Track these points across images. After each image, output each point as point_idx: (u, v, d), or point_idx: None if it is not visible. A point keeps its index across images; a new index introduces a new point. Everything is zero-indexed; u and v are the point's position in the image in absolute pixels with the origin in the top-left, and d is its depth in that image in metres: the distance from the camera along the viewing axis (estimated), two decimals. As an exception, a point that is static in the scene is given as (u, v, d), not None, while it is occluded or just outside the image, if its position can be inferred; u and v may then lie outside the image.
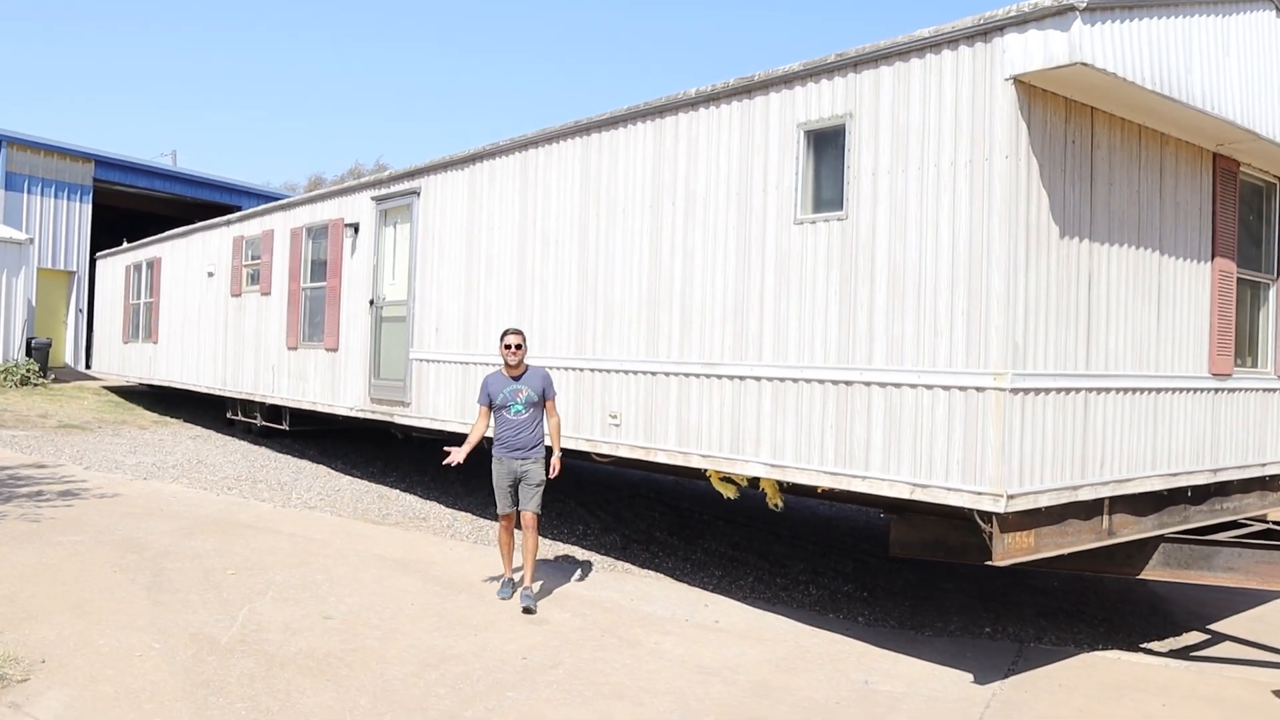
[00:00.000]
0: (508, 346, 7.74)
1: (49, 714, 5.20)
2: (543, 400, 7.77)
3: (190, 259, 18.71)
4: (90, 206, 27.96)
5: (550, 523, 10.85)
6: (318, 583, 8.06)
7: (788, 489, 8.25)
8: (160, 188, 30.10)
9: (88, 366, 26.80)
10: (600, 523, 11.21)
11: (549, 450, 7.94)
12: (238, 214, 16.85)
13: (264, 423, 15.98)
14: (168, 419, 19.81)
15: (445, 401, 10.91)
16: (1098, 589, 9.48)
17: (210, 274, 17.52)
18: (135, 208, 31.49)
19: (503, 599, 7.87)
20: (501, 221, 10.26)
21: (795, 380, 7.31)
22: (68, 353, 27.42)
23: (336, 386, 13.09)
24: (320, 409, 13.56)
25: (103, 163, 28.26)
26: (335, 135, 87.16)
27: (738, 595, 8.61)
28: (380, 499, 12.06)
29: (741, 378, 7.72)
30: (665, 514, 12.05)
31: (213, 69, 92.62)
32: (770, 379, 7.50)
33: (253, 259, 15.99)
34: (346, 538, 9.78)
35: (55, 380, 23.61)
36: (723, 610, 8.09)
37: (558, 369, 9.28)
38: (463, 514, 11.38)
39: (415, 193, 11.62)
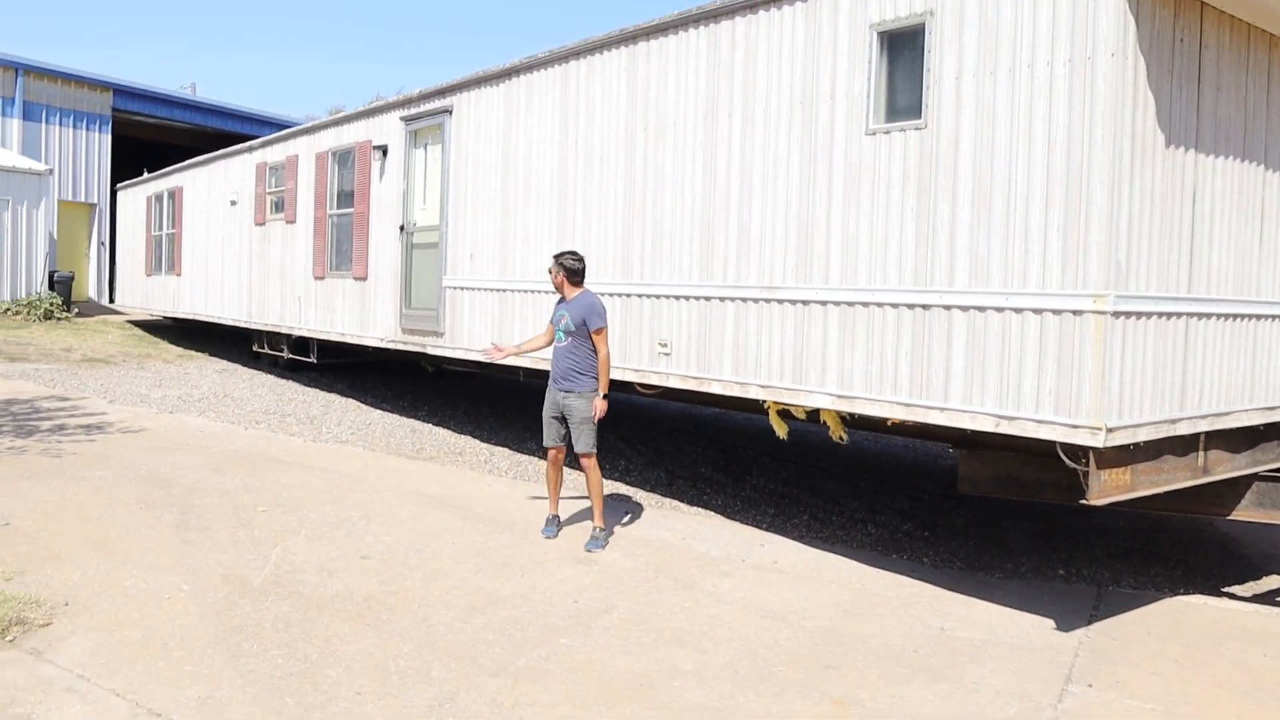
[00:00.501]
0: (549, 270, 7.49)
1: (73, 661, 4.80)
2: (584, 329, 7.23)
3: (212, 188, 18.20)
4: (110, 137, 27.46)
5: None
6: (353, 520, 7.64)
7: (851, 422, 7.75)
8: (180, 117, 29.51)
9: (111, 301, 26.46)
10: (642, 458, 10.75)
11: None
12: (260, 140, 16.29)
13: (291, 355, 15.55)
14: (193, 353, 19.45)
15: (481, 331, 10.41)
16: (1166, 529, 8.97)
17: (233, 203, 17.01)
18: (155, 138, 30.93)
19: (547, 538, 7.44)
20: (540, 139, 9.68)
21: (866, 305, 6.76)
22: (90, 287, 27.09)
23: (366, 317, 12.62)
24: (349, 340, 13.10)
25: (121, 91, 27.68)
26: (355, 68, 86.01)
27: (793, 534, 8.15)
28: (413, 433, 11.64)
29: (805, 302, 7.17)
30: (709, 449, 11.59)
31: (231, 2, 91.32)
32: (838, 303, 6.95)
33: (277, 186, 15.45)
34: (381, 473, 9.36)
35: (79, 314, 23.28)
36: (779, 550, 7.63)
37: (602, 295, 8.76)
38: (499, 449, 10.95)
39: (447, 111, 11.02)
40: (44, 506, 7.51)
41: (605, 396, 7.29)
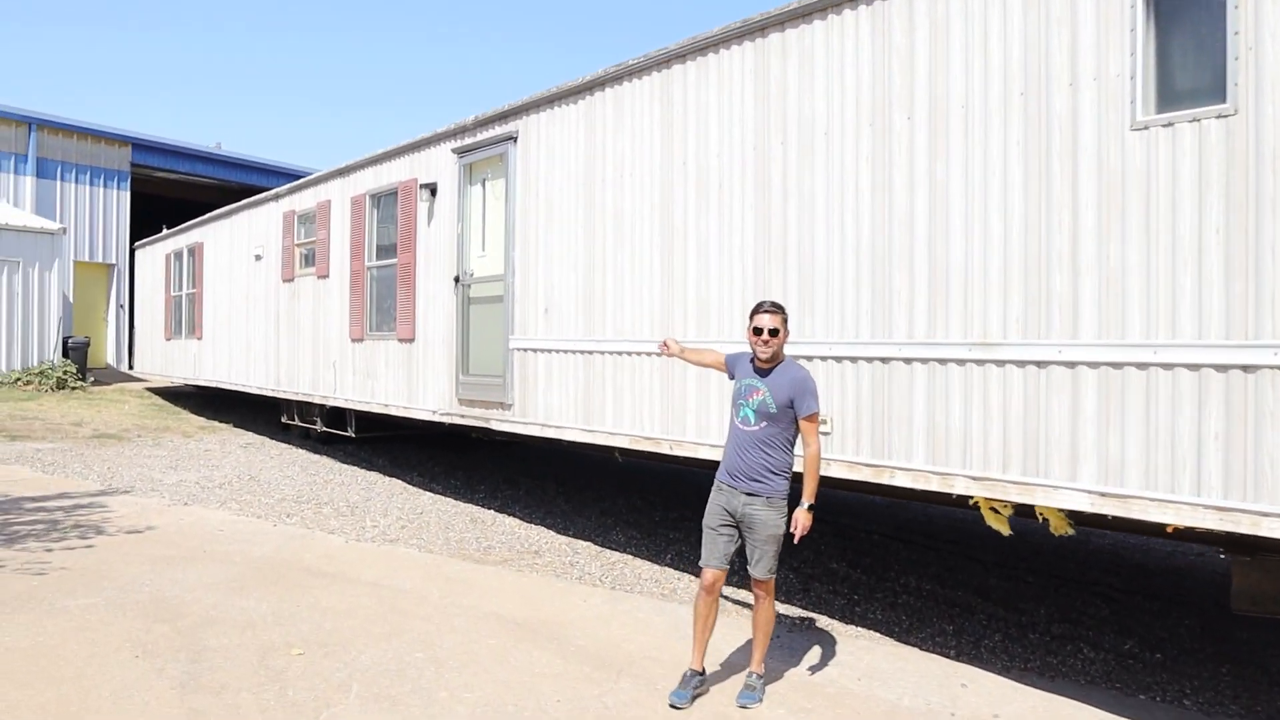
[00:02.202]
0: (757, 331, 5.20)
1: None
2: (789, 414, 5.18)
3: (235, 241, 16.48)
4: (129, 194, 25.96)
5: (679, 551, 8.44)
6: (419, 666, 5.68)
7: (1084, 519, 5.76)
8: (202, 172, 28.05)
9: (130, 367, 24.79)
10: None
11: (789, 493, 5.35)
12: (287, 186, 14.56)
13: (324, 428, 13.68)
14: (216, 424, 17.63)
15: (560, 401, 8.50)
16: None
17: (258, 257, 15.26)
18: (175, 195, 29.48)
19: (677, 707, 5.31)
20: (634, 165, 7.81)
21: (1143, 366, 4.79)
22: (109, 352, 25.45)
23: (414, 385, 10.73)
24: (394, 413, 11.20)
25: (140, 146, 26.23)
26: (378, 123, 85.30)
27: (994, 665, 6.13)
28: (474, 524, 9.69)
29: (1042, 363, 5.21)
30: (821, 531, 9.58)
31: (250, 65, 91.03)
32: (1095, 364, 4.98)
33: (307, 237, 13.68)
34: (445, 586, 7.40)
35: (95, 383, 21.58)
36: (989, 693, 5.61)
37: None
38: (581, 543, 8.98)
39: (511, 138, 9.19)
40: (5, 657, 5.59)
41: (811, 508, 5.19)
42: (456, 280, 9.91)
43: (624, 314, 7.85)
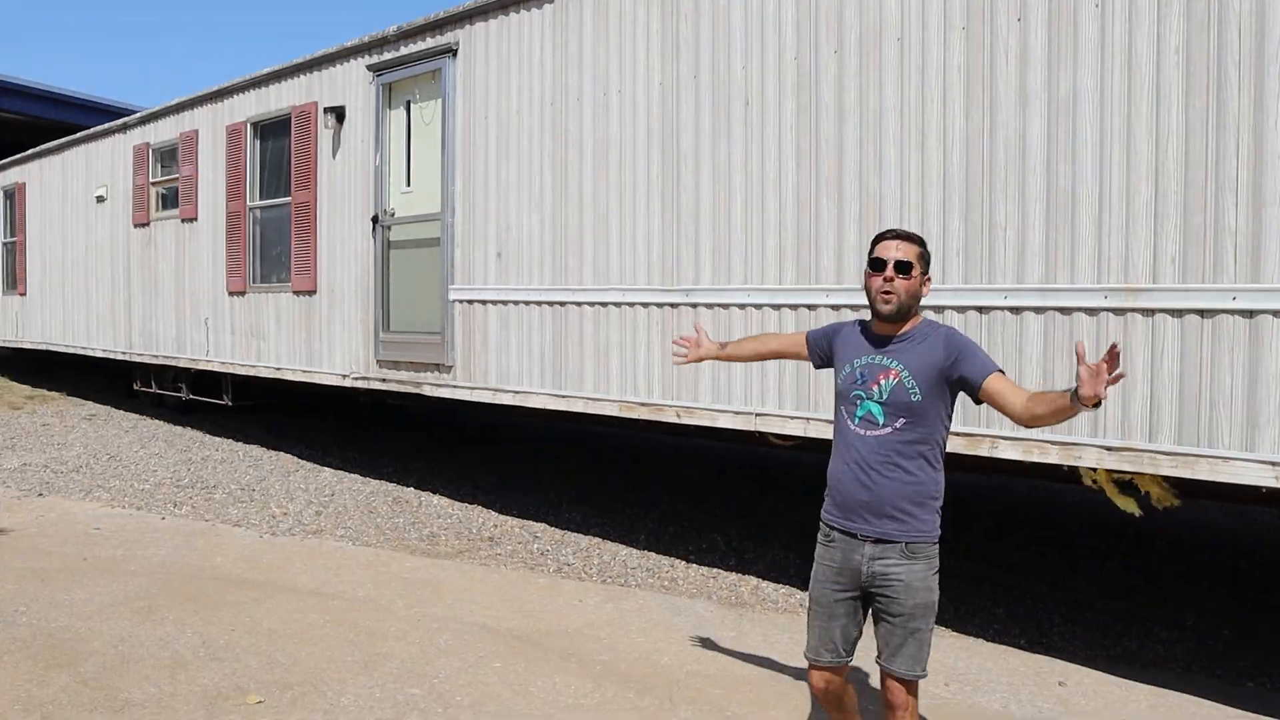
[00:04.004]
0: (877, 266, 3.30)
1: None
2: (942, 401, 3.27)
3: (69, 181, 14.23)
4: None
5: (651, 530, 7.31)
6: (420, 708, 4.37)
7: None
8: (11, 107, 24.81)
9: (-72, 327, 21.76)
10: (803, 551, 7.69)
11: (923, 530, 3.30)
12: (137, 115, 12.50)
13: (191, 396, 11.84)
14: (46, 393, 15.38)
15: (520, 362, 7.18)
16: None
17: (100, 199, 13.14)
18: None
19: None
20: (624, 82, 6.50)
21: None
22: (-98, 311, 22.28)
23: (317, 345, 9.15)
24: (290, 378, 9.58)
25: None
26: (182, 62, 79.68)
27: (1073, 654, 5.28)
28: (399, 505, 8.28)
29: (1207, 312, 4.27)
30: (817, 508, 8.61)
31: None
32: (1298, 314, 4.06)
33: (166, 174, 11.76)
34: (405, 591, 6.03)
35: (-115, 346, 18.70)
36: (1093, 691, 4.74)
37: (766, 307, 5.71)
38: (537, 525, 7.72)
39: (449, 51, 7.72)
40: None
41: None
42: (375, 221, 8.38)
43: (610, 258, 6.57)
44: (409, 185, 8.25)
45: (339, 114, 8.80)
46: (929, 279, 3.35)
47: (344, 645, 5.12)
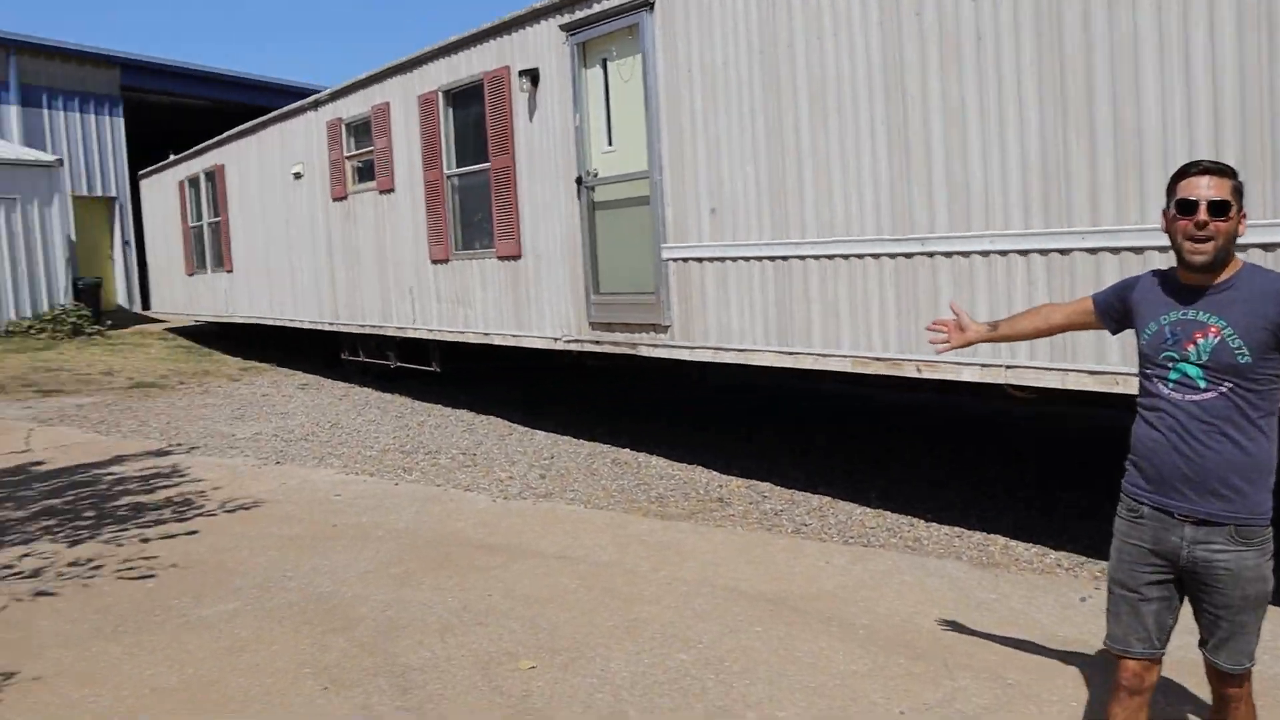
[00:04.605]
0: (1185, 209, 2.83)
1: None
2: (1270, 359, 2.79)
3: (265, 160, 14.79)
4: (122, 120, 24.01)
5: (882, 488, 7.10)
6: (692, 674, 4.33)
7: None
8: (199, 93, 26.04)
9: (145, 307, 23.13)
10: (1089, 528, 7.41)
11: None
12: (328, 91, 12.84)
13: (399, 364, 12.18)
14: (257, 364, 16.14)
15: (741, 319, 7.05)
16: None
17: (297, 175, 13.60)
18: (168, 121, 27.42)
19: None
20: (840, 22, 6.22)
21: None
22: (119, 293, 23.78)
23: (525, 310, 9.25)
24: (498, 343, 9.73)
25: (130, 66, 24.21)
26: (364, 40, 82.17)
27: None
28: (619, 467, 8.31)
29: None
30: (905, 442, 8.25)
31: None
32: None
33: (360, 147, 12.05)
34: (648, 554, 6.03)
35: (111, 326, 19.96)
36: None
37: (1020, 251, 5.41)
38: (762, 484, 7.61)
39: (646, 5, 7.57)
40: (154, 705, 4.20)
41: None
42: (579, 182, 8.36)
43: (833, 207, 6.35)
44: (611, 145, 8.18)
45: (533, 76, 8.79)
46: (1245, 214, 2.88)
47: (600, 610, 5.14)
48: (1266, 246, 4.51)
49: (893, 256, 6.01)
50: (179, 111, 26.84)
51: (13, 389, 13.38)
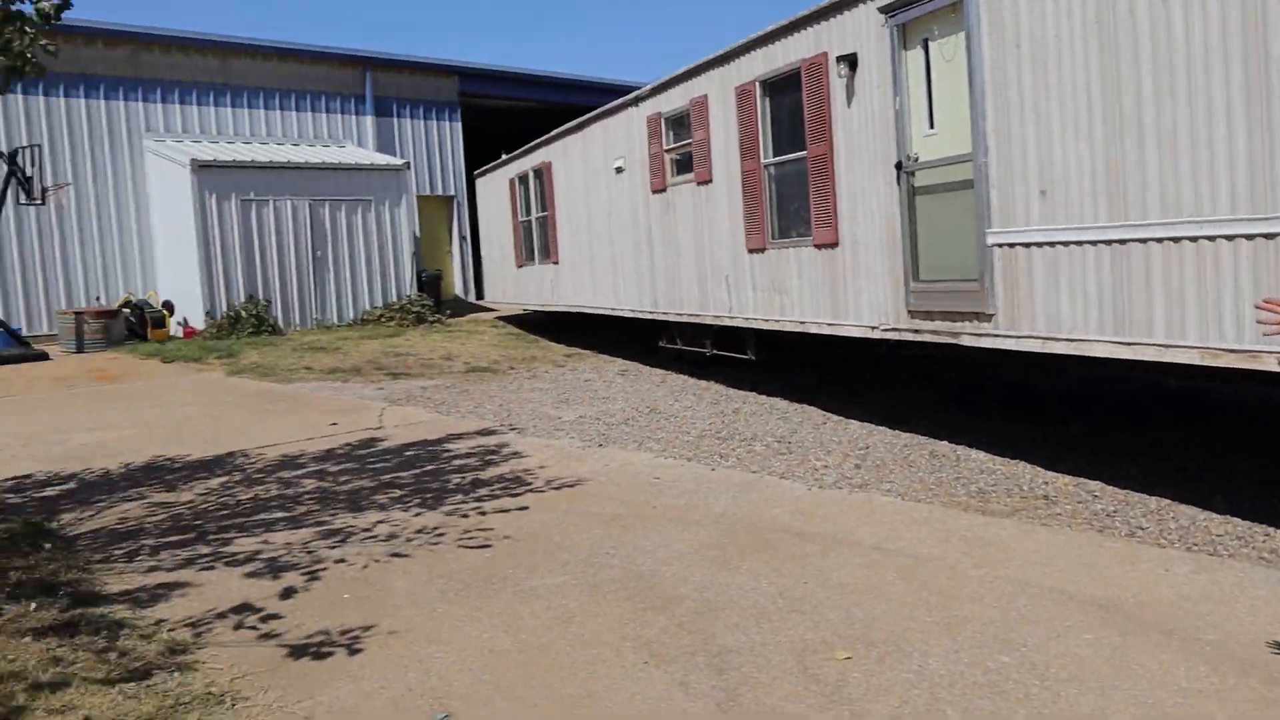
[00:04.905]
0: None
1: None
2: None
3: (589, 156, 15.47)
4: (460, 124, 25.89)
5: (1227, 492, 6.45)
6: (1014, 677, 4.14)
7: None
8: (526, 95, 27.60)
9: (479, 297, 24.90)
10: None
11: None
12: (647, 87, 13.25)
13: (715, 351, 12.42)
14: (580, 351, 16.95)
15: (1071, 306, 6.66)
16: None
17: (619, 169, 14.14)
18: (496, 124, 29.24)
19: None
20: (1192, -20, 5.74)
21: None
22: (456, 284, 25.73)
23: (840, 298, 9.17)
24: (813, 331, 9.72)
25: (466, 74, 26.02)
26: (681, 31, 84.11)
27: None
28: (936, 460, 8.07)
29: None
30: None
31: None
32: None
33: (678, 140, 12.36)
34: (969, 550, 5.83)
35: (450, 315, 21.61)
36: None
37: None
38: (1092, 483, 7.16)
39: (972, -21, 7.30)
40: (491, 664, 4.51)
41: None
42: (898, 167, 8.18)
43: (1179, 186, 5.86)
44: (932, 128, 7.94)
45: (851, 62, 8.68)
46: None
47: (918, 604, 5.02)
48: None
49: (1250, 238, 5.48)
50: (509, 113, 28.56)
51: (367, 372, 14.75)
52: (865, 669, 4.31)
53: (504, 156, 20.36)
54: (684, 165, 12.22)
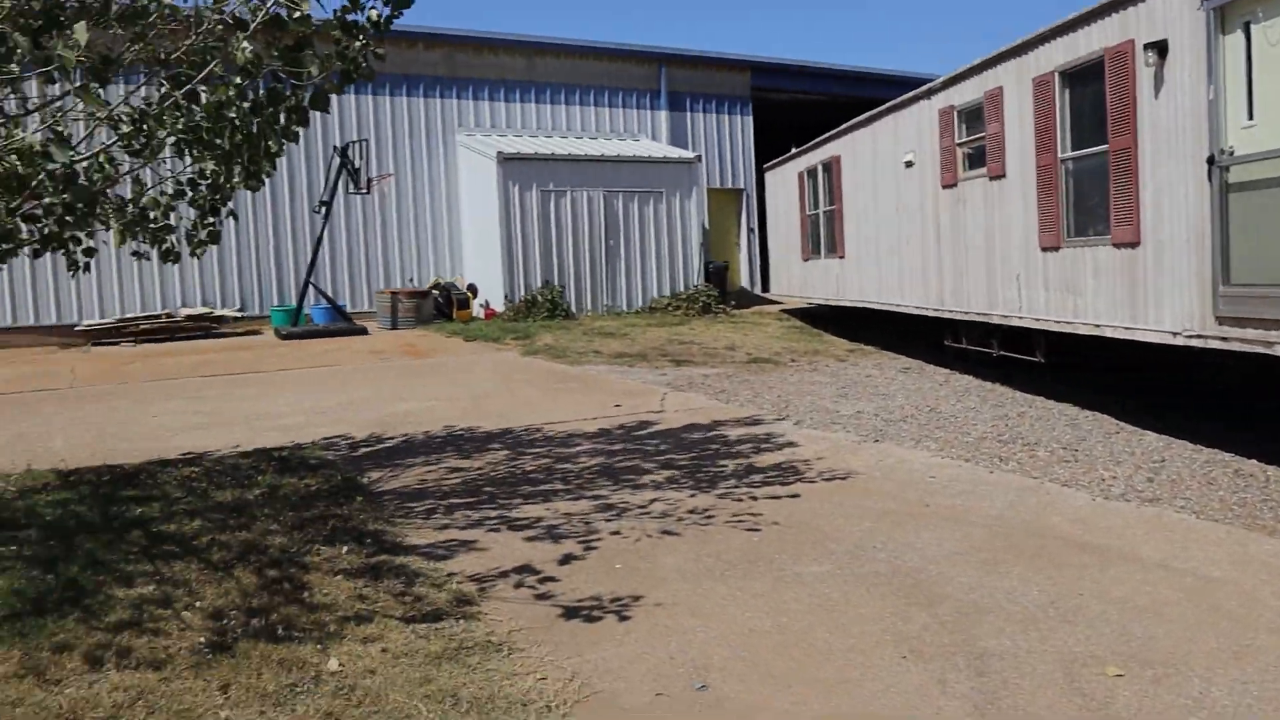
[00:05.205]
0: None
1: None
2: None
3: (878, 150, 15.29)
4: (750, 118, 26.16)
5: None
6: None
7: None
8: (818, 89, 27.51)
9: (764, 289, 25.12)
10: None
11: None
12: (940, 79, 12.95)
13: (1001, 352, 12.02)
14: (863, 346, 16.79)
15: None
16: None
17: (908, 164, 13.90)
18: (790, 116, 29.31)
19: None
20: None
21: None
22: (742, 276, 26.07)
23: (1140, 301, 8.67)
24: (1108, 334, 9.24)
25: (759, 69, 26.26)
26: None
27: None
28: (1243, 480, 7.50)
29: None
30: None
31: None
32: None
33: (971, 134, 12.03)
34: (1268, 576, 5.41)
35: (735, 306, 21.95)
36: None
37: None
38: None
39: (1306, -42, 6.72)
40: (750, 643, 4.65)
41: None
42: (1210, 162, 7.65)
43: None
44: (1251, 119, 7.37)
45: (1160, 49, 8.18)
46: None
47: (1203, 628, 4.73)
48: None
49: None
50: (797, 107, 28.57)
51: (652, 358, 15.25)
52: (1137, 689, 4.13)
53: (793, 150, 20.43)
54: (976, 159, 11.87)
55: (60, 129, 4.95)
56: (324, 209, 19.63)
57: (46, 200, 4.87)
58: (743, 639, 4.71)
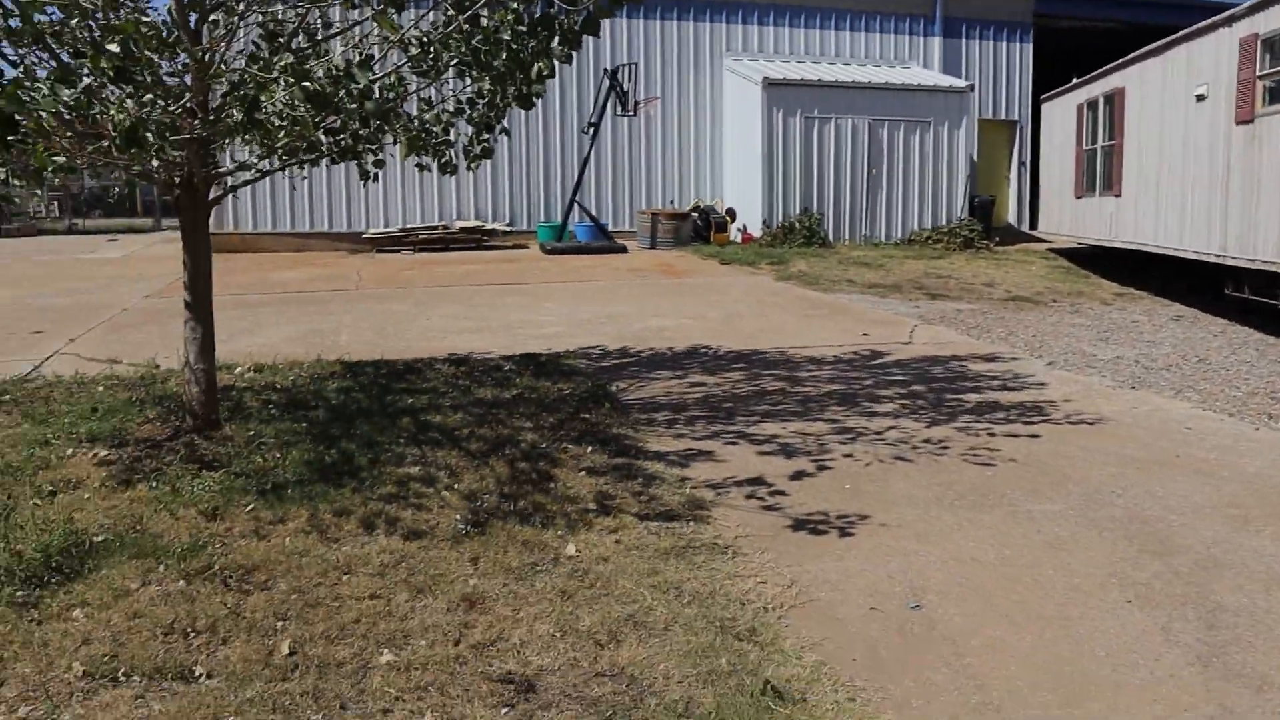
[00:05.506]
0: None
1: None
2: None
3: (1167, 82, 14.25)
4: (1030, 46, 24.78)
5: None
6: None
7: None
8: (1107, 15, 25.69)
9: (1032, 227, 24.02)
10: None
11: None
12: (1245, 4, 11.90)
13: (1288, 302, 11.13)
14: (1133, 291, 15.87)
15: None
16: None
17: (1199, 98, 12.92)
18: (1073, 44, 27.52)
19: None
20: None
21: None
22: (1009, 212, 24.96)
23: None
24: None
25: (1043, -8, 24.75)
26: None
27: None
28: None
29: None
30: None
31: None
32: None
33: (1276, 65, 11.05)
34: None
35: (999, 242, 21.15)
36: None
37: None
38: None
39: None
40: (970, 572, 4.70)
41: None
42: None
43: None
44: None
45: None
46: None
47: None
48: None
49: None
50: (1083, 34, 26.77)
51: (906, 290, 15.02)
52: (1386, 658, 3.92)
53: (1074, 81, 19.30)
54: (1278, 93, 10.91)
55: (361, 52, 5.47)
56: (592, 130, 20.23)
57: (345, 115, 5.38)
58: (963, 567, 4.77)
